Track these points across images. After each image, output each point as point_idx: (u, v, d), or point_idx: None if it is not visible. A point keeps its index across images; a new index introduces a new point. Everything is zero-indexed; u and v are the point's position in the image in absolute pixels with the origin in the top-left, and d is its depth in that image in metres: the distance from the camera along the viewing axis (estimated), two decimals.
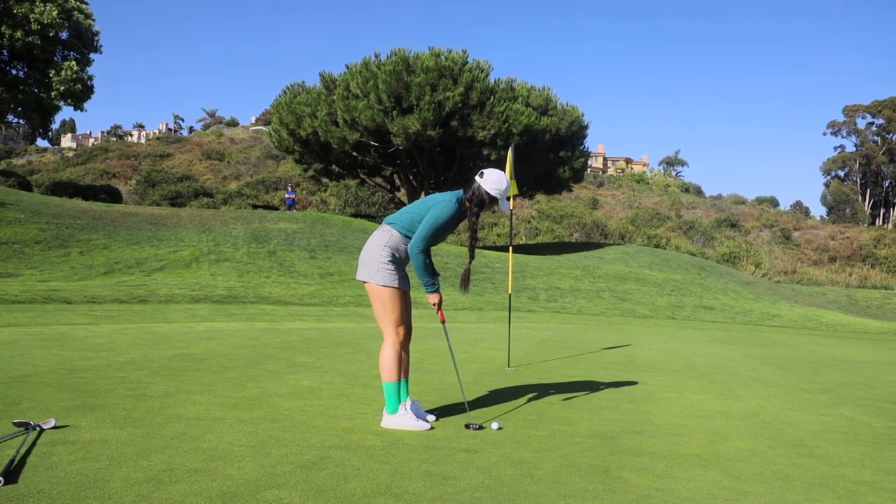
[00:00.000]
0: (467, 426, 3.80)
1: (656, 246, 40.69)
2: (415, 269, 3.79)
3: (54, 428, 3.32)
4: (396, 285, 3.76)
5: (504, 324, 11.62)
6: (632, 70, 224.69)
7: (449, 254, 22.21)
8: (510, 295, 7.65)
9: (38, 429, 3.26)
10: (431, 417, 3.96)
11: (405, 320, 3.85)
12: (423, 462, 3.12)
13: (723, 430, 4.13)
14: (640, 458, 3.41)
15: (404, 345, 3.87)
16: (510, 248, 7.54)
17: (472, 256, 4.07)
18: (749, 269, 37.71)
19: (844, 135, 75.60)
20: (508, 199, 6.23)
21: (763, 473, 3.23)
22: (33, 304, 10.37)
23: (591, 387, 5.51)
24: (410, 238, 3.79)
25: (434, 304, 3.89)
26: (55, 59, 29.97)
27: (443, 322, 4.02)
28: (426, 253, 3.79)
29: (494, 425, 3.86)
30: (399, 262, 3.81)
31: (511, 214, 7.45)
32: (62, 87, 29.48)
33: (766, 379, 6.59)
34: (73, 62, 29.72)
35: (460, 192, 3.93)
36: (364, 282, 3.81)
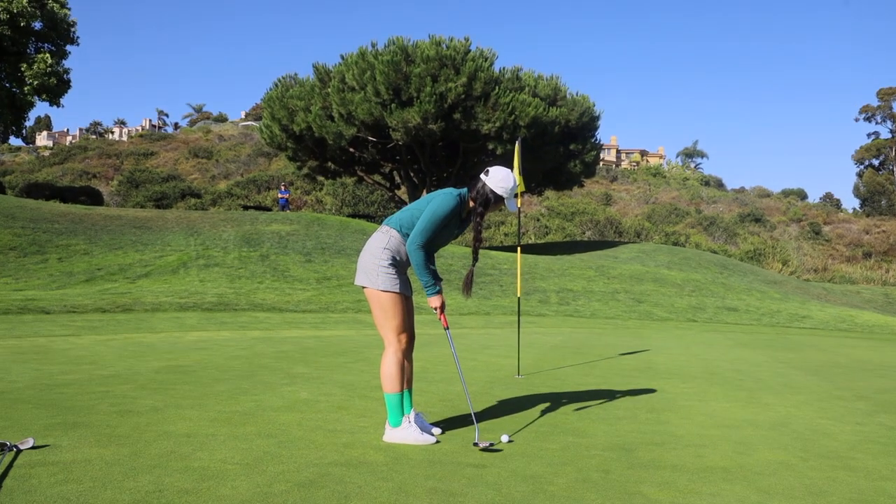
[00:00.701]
0: (475, 445, 3.67)
1: (675, 243, 40.64)
2: (414, 267, 3.75)
3: (33, 448, 3.31)
4: (398, 290, 3.76)
5: (513, 329, 11.61)
6: (645, 57, 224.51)
7: (453, 255, 22.22)
8: (519, 298, 7.65)
9: (14, 449, 3.25)
10: (437, 430, 3.95)
11: (407, 327, 3.84)
12: (429, 478, 3.12)
13: (750, 441, 4.12)
14: (660, 471, 3.40)
15: (407, 353, 3.87)
16: (518, 248, 7.54)
17: (475, 259, 4.07)
18: (776, 266, 37.62)
19: (879, 120, 75.21)
20: (516, 196, 6.24)
21: (794, 488, 3.22)
22: (8, 314, 10.40)
23: (608, 395, 5.50)
24: None
25: (436, 309, 3.84)
26: (28, 51, 30.03)
27: (446, 328, 3.98)
28: (426, 251, 3.76)
29: (504, 438, 3.85)
30: (400, 265, 3.81)
31: (519, 213, 7.45)
32: (36, 82, 29.53)
33: (796, 385, 6.56)
34: (48, 55, 29.78)
35: (464, 190, 3.93)
36: (363, 287, 3.81)
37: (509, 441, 3.83)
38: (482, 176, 3.90)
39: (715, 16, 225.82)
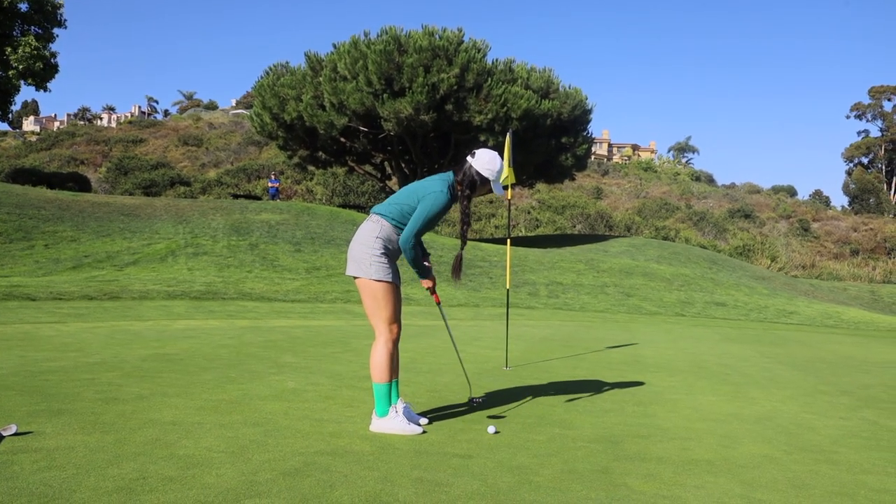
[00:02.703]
0: (471, 401, 4.32)
1: (665, 238, 40.82)
2: (408, 262, 3.83)
3: (15, 435, 3.29)
4: (389, 279, 3.76)
5: (502, 321, 11.63)
6: (639, 50, 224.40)
7: (444, 247, 22.22)
8: (508, 290, 7.66)
9: None
10: (424, 421, 3.96)
11: (399, 317, 3.85)
12: (415, 468, 3.13)
13: (735, 435, 4.15)
14: (646, 463, 3.42)
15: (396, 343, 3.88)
16: (508, 240, 7.55)
17: (463, 242, 4.09)
18: (764, 262, 37.89)
19: (869, 118, 75.76)
20: (505, 187, 6.24)
21: (777, 481, 3.25)
22: None
23: (595, 388, 5.53)
24: (402, 229, 3.79)
25: (428, 288, 3.98)
26: (13, 33, 29.57)
27: (438, 303, 4.16)
28: (419, 245, 3.83)
29: (491, 429, 3.87)
30: (391, 254, 3.81)
31: (509, 205, 7.45)
32: (21, 66, 29.09)
33: (781, 380, 6.62)
34: (33, 38, 29.34)
35: (450, 174, 3.92)
36: (354, 277, 3.81)
37: (495, 432, 3.85)
38: (468, 158, 3.92)
39: (708, 12, 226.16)
